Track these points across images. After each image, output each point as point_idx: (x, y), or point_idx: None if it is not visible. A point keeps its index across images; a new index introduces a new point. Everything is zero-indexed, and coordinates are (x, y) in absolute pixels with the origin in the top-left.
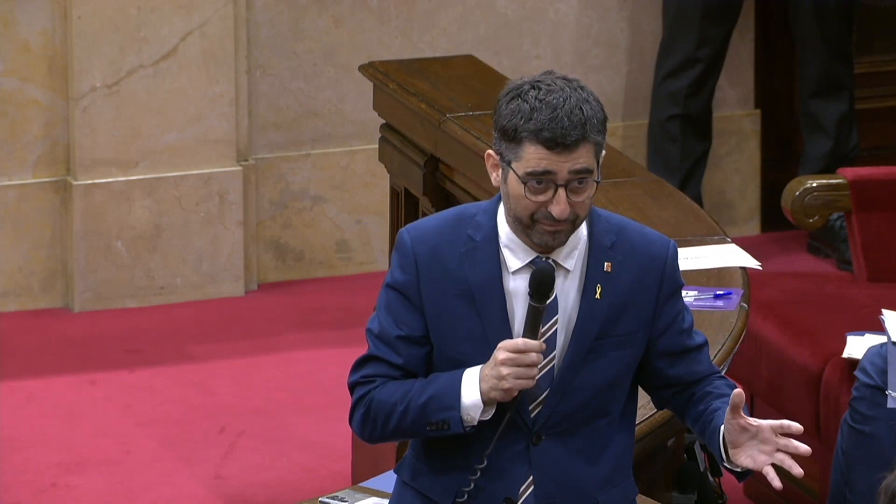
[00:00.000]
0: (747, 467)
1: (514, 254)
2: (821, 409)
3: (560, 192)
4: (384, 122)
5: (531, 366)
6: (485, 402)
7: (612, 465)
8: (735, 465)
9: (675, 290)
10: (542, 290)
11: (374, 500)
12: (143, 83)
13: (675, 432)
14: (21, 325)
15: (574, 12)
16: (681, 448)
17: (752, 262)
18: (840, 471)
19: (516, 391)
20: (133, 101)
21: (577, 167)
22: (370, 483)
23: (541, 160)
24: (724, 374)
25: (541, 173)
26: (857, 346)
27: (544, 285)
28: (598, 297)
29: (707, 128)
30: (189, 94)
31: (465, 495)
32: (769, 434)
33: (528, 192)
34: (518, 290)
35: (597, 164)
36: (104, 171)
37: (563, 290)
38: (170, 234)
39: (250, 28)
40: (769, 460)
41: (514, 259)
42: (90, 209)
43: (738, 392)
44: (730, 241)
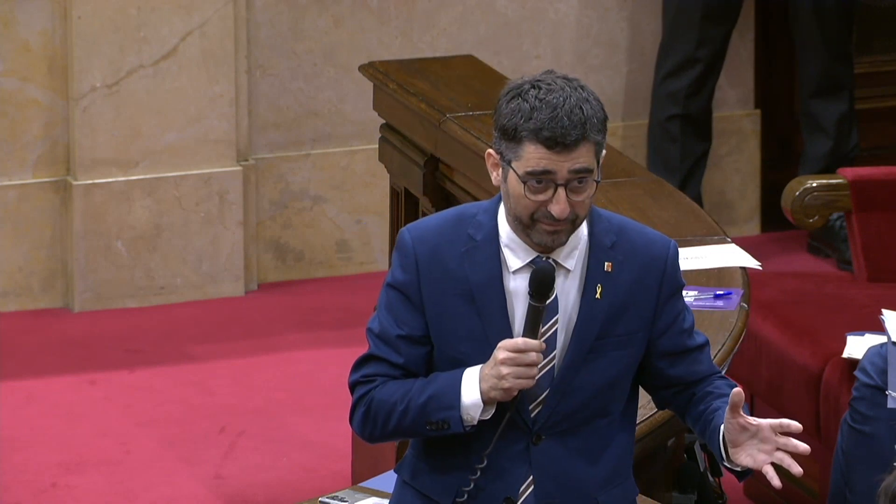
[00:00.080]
0: (747, 466)
1: (515, 253)
2: (821, 409)
3: (560, 191)
4: (384, 122)
5: (531, 365)
6: (485, 402)
7: (612, 466)
8: (735, 464)
9: (675, 290)
10: (542, 289)
11: (374, 500)
12: (143, 83)
13: (675, 432)
14: (21, 325)
15: (574, 12)
16: (681, 448)
17: (752, 262)
18: (840, 471)
19: (516, 391)
20: (133, 101)
21: (576, 167)
22: (370, 483)
23: (540, 159)
24: (724, 374)
25: (540, 173)
26: (857, 346)
27: (544, 285)
28: (599, 296)
29: (707, 128)
30: (189, 94)
31: (465, 495)
32: (769, 433)
33: (527, 192)
34: (518, 290)
35: (597, 164)
36: (104, 171)
37: (564, 289)
38: (170, 234)
39: (250, 28)
40: (769, 459)
41: (515, 259)
42: (90, 209)
43: (738, 391)
44: (730, 241)
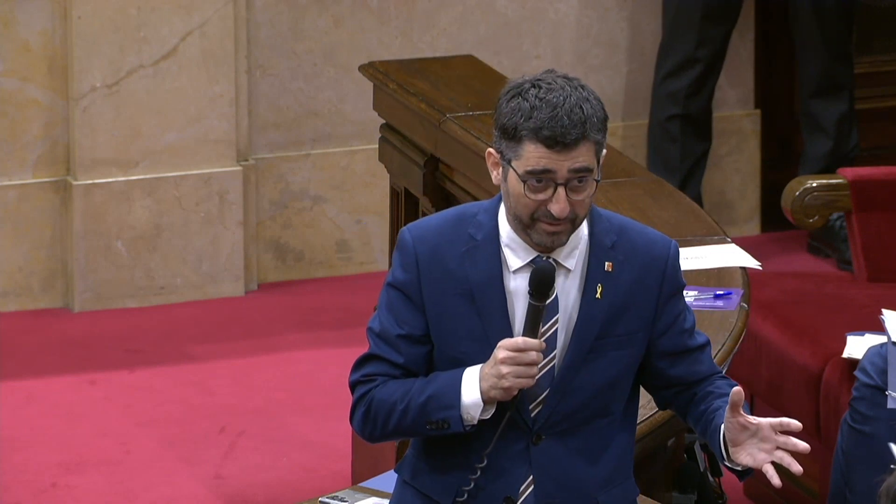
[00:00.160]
0: (747, 465)
1: (515, 253)
2: (821, 409)
3: (560, 190)
4: (384, 122)
5: (531, 365)
6: (485, 401)
7: (612, 465)
8: (735, 463)
9: (676, 290)
10: (542, 288)
11: (374, 500)
12: (143, 83)
13: (675, 432)
14: (21, 325)
15: (574, 12)
16: (681, 448)
17: (752, 262)
18: (840, 471)
19: (516, 390)
20: (133, 101)
21: (576, 166)
22: (370, 483)
23: (540, 159)
24: (725, 373)
25: (540, 172)
26: (857, 346)
27: (544, 284)
28: (599, 296)
29: (707, 128)
30: (189, 94)
31: (466, 494)
32: (769, 432)
33: (527, 191)
34: (519, 290)
35: (597, 163)
36: (104, 171)
37: (564, 289)
38: (170, 234)
39: (250, 28)
40: (769, 458)
41: (515, 258)
42: (90, 209)
43: (738, 390)
44: (730, 241)
